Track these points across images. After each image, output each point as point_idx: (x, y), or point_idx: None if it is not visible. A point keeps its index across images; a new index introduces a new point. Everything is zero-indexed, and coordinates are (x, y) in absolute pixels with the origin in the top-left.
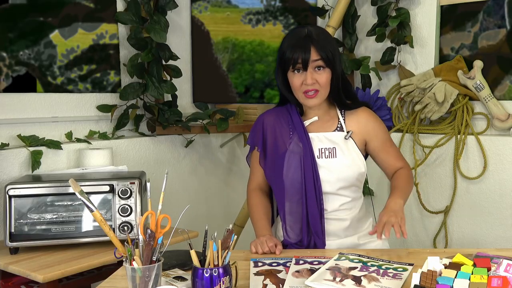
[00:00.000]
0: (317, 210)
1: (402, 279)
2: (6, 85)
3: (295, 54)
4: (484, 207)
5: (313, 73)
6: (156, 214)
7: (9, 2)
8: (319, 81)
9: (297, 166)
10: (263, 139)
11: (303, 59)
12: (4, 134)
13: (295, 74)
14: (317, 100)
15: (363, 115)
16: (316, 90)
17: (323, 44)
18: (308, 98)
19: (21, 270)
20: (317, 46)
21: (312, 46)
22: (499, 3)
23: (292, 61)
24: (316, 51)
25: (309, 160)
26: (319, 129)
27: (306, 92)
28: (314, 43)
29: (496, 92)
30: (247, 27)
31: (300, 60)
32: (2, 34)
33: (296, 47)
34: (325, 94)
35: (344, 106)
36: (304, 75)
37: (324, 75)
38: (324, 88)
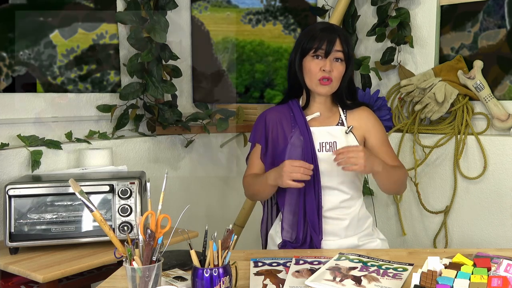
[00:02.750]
0: (315, 205)
1: (402, 279)
2: (6, 85)
3: (322, 40)
4: (484, 207)
5: (332, 62)
6: (156, 214)
7: (9, 2)
8: (335, 72)
9: (298, 159)
10: (265, 135)
11: (327, 48)
12: (4, 134)
13: (314, 60)
14: (329, 89)
15: (364, 113)
16: (331, 79)
17: (346, 40)
18: (322, 84)
19: (21, 270)
20: (342, 39)
21: (338, 37)
22: (499, 3)
23: (316, 46)
24: (340, 44)
25: (310, 153)
26: (320, 124)
27: (321, 79)
28: (340, 35)
29: (496, 92)
30: (247, 27)
31: (324, 47)
32: (2, 34)
33: (323, 36)
34: (336, 86)
35: (346, 106)
36: (323, 62)
37: (341, 68)
38: (337, 80)
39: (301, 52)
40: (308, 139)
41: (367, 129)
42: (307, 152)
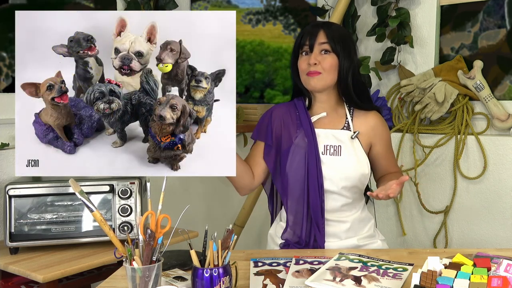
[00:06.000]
0: (319, 206)
1: (402, 279)
2: (6, 85)
3: (304, 37)
4: (484, 207)
5: (318, 55)
6: (156, 214)
7: (9, 2)
8: (323, 64)
9: (301, 160)
10: (271, 133)
11: (310, 41)
12: (4, 134)
13: (302, 57)
14: (318, 81)
15: (374, 118)
16: (319, 72)
17: (333, 31)
18: (309, 77)
19: (21, 270)
20: (326, 31)
21: (322, 30)
22: (499, 3)
23: (300, 43)
24: (324, 35)
25: (314, 155)
26: (326, 126)
27: (308, 73)
28: (324, 28)
29: (496, 92)
30: (247, 27)
31: (307, 42)
32: (2, 34)
33: (306, 30)
34: (329, 79)
35: (354, 104)
36: (309, 57)
37: (329, 59)
38: (327, 72)
39: (294, 53)
40: (313, 141)
41: (374, 135)
42: (310, 154)
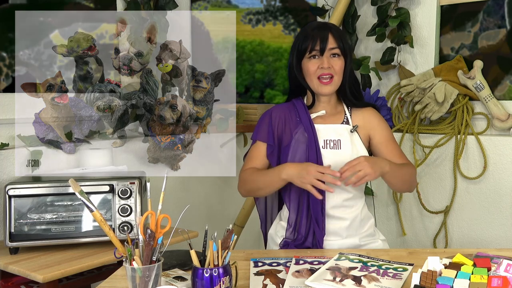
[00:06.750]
0: (319, 201)
1: (402, 279)
2: (6, 85)
3: (314, 40)
4: (484, 207)
5: (329, 59)
6: (156, 214)
7: (9, 2)
8: (334, 67)
9: (302, 155)
10: (273, 133)
11: (321, 45)
12: (4, 134)
13: (311, 60)
14: (331, 87)
15: (369, 112)
16: (331, 76)
17: (340, 34)
18: (323, 84)
19: (21, 270)
20: (335, 35)
21: (330, 34)
22: (499, 3)
23: (310, 47)
24: (333, 39)
25: (314, 149)
26: (325, 121)
27: (321, 78)
28: (332, 32)
29: (496, 92)
30: (247, 27)
31: (318, 47)
32: (2, 34)
33: (315, 34)
34: (339, 82)
35: (351, 104)
36: (320, 60)
37: (339, 62)
38: (338, 75)
39: (297, 54)
40: (313, 136)
41: (371, 127)
42: (311, 149)
